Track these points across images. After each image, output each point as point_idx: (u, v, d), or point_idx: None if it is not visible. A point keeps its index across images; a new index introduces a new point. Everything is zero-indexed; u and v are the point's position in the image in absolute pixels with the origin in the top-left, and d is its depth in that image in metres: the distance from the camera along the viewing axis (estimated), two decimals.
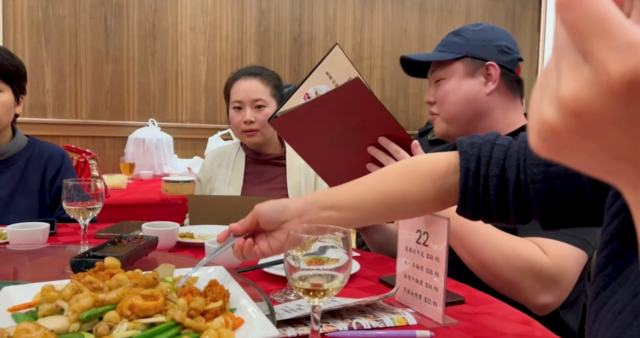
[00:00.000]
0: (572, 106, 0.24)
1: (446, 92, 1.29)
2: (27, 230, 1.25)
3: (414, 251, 0.91)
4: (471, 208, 0.76)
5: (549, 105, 0.25)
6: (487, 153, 0.76)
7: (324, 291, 0.68)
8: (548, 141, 0.26)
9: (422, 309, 0.89)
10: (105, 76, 3.48)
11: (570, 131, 0.25)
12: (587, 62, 0.24)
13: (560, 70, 0.25)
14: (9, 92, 1.59)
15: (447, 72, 1.30)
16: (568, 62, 0.25)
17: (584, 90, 0.24)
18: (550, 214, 0.70)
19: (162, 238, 1.19)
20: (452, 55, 1.29)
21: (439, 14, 4.42)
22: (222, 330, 0.63)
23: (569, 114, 0.24)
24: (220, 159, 1.89)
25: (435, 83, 1.32)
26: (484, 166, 0.75)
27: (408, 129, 3.68)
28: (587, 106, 0.24)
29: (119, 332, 0.62)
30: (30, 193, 1.64)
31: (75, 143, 3.22)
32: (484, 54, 1.28)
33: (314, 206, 0.78)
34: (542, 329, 0.83)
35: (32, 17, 3.30)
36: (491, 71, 1.28)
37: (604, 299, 0.48)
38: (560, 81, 0.25)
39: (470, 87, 1.29)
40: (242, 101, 1.79)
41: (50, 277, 0.82)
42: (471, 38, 1.30)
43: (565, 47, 0.25)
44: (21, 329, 0.59)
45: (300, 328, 0.78)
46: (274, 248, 0.79)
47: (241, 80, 1.81)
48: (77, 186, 1.16)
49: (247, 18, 3.83)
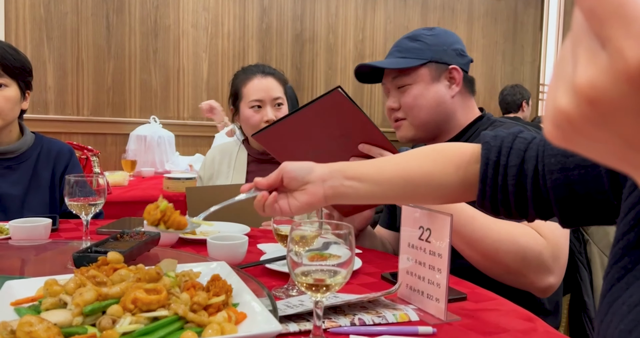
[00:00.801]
0: (588, 93, 0.23)
1: (415, 98, 1.31)
2: (29, 225, 1.25)
3: (416, 248, 0.91)
4: (490, 199, 0.76)
5: (564, 93, 0.25)
6: (508, 144, 0.76)
7: (327, 286, 0.69)
8: (563, 129, 0.26)
9: (424, 305, 0.89)
10: (107, 73, 3.48)
11: (585, 119, 0.24)
12: (605, 49, 0.23)
13: (576, 57, 0.24)
14: (15, 87, 1.59)
15: (412, 78, 1.32)
16: (585, 48, 0.24)
17: (600, 77, 0.23)
18: (568, 208, 0.69)
19: (164, 234, 1.19)
20: (418, 61, 1.31)
21: (441, 11, 4.41)
22: (225, 325, 0.63)
23: (584, 102, 0.24)
24: (222, 157, 1.86)
25: (399, 89, 1.34)
26: (504, 156, 0.75)
27: None
28: (603, 94, 0.23)
29: (122, 326, 0.62)
30: (42, 189, 1.65)
31: (77, 140, 3.22)
32: (447, 59, 1.32)
33: (339, 174, 0.80)
34: (545, 325, 0.83)
35: (34, 14, 3.30)
36: (454, 74, 1.33)
37: (618, 291, 0.47)
38: (576, 68, 0.24)
39: (438, 91, 1.32)
40: (263, 99, 1.76)
41: (53, 272, 0.82)
42: (431, 43, 1.33)
43: (583, 33, 0.24)
44: (24, 322, 0.59)
45: (302, 324, 0.78)
46: (293, 208, 0.81)
47: (258, 78, 1.78)
48: (79, 181, 1.17)
49: (249, 15, 3.82)
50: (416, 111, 1.32)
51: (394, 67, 1.33)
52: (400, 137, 1.38)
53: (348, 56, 4.13)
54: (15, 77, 1.58)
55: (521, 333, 0.80)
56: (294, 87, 3.90)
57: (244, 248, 1.13)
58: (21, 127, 1.68)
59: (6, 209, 1.56)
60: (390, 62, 1.34)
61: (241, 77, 1.82)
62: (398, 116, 1.36)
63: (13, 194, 1.59)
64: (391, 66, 1.33)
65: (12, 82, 1.57)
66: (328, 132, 1.15)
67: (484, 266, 1.06)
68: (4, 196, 1.58)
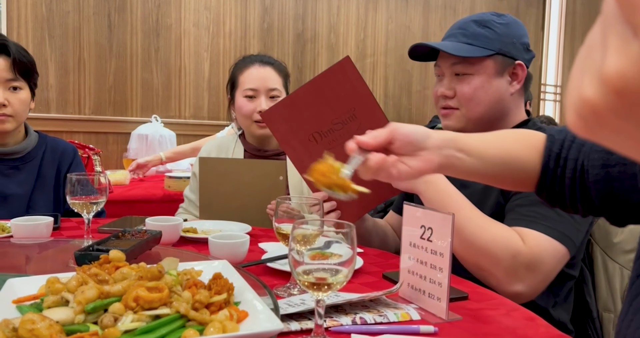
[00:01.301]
0: (616, 83, 0.22)
1: (475, 90, 1.22)
2: (31, 223, 1.25)
3: (417, 247, 0.91)
4: (547, 190, 0.76)
5: (590, 82, 0.24)
6: (571, 137, 0.76)
7: (329, 285, 0.69)
8: (586, 120, 0.25)
9: (425, 305, 0.89)
10: (108, 71, 3.49)
11: (611, 110, 0.23)
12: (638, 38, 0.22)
13: (606, 44, 0.23)
14: (27, 88, 1.60)
15: (475, 68, 1.22)
16: (616, 36, 0.23)
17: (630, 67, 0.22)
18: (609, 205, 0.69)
19: (165, 232, 1.19)
20: (485, 51, 1.21)
21: (442, 11, 4.41)
22: (227, 323, 0.63)
23: (612, 93, 0.23)
24: (218, 152, 1.81)
25: (456, 75, 1.24)
26: (565, 149, 0.75)
27: None
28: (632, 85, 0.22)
29: (124, 324, 0.62)
30: (47, 188, 1.65)
31: (78, 139, 3.23)
32: (514, 52, 1.23)
33: (452, 144, 0.75)
34: (546, 325, 0.83)
35: (36, 13, 3.30)
36: (518, 70, 1.24)
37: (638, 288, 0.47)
38: (606, 56, 0.23)
39: (499, 86, 1.23)
40: (257, 89, 1.70)
41: (54, 270, 0.82)
42: (501, 33, 1.22)
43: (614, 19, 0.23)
44: (26, 320, 0.59)
45: (304, 323, 0.78)
46: (403, 173, 0.73)
47: (255, 67, 1.72)
48: (81, 180, 1.17)
49: (250, 15, 3.82)
50: (473, 104, 1.23)
51: (460, 54, 1.21)
52: (447, 126, 1.29)
53: (349, 56, 4.13)
54: (27, 79, 1.59)
55: (522, 333, 0.80)
56: (296, 87, 3.90)
57: (246, 246, 1.13)
58: (26, 127, 1.68)
59: (13, 209, 1.56)
60: (456, 47, 1.23)
61: (239, 65, 1.77)
62: (450, 104, 1.26)
63: (20, 195, 1.60)
64: (457, 53, 1.21)
65: (25, 84, 1.59)
66: (334, 108, 1.14)
67: (461, 255, 1.07)
68: (12, 196, 1.59)
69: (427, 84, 4.37)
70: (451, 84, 1.26)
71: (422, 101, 4.38)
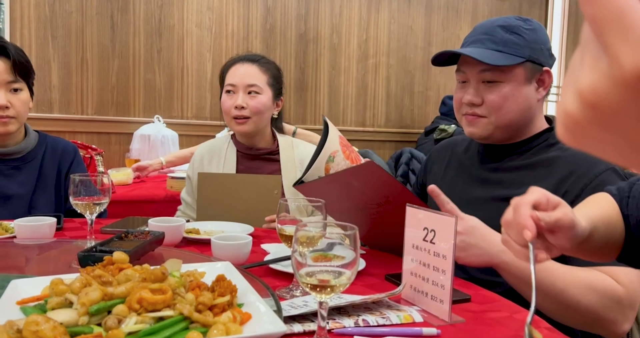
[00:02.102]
0: (589, 98, 0.24)
1: (505, 98, 1.19)
2: (34, 224, 1.26)
3: (420, 249, 0.91)
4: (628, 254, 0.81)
5: (570, 97, 0.26)
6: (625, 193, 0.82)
7: (331, 287, 0.69)
8: (572, 131, 0.27)
9: (428, 307, 0.89)
10: (111, 72, 3.49)
11: (590, 122, 0.25)
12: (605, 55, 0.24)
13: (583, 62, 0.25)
14: (26, 89, 1.61)
15: (506, 75, 1.19)
16: (590, 54, 0.25)
17: (600, 82, 0.24)
18: None
19: (168, 233, 1.20)
20: (516, 59, 1.18)
21: (445, 12, 4.40)
22: (230, 325, 0.63)
23: (588, 106, 0.25)
24: (211, 155, 1.79)
25: (484, 82, 1.21)
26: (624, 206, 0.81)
27: (413, 128, 3.70)
28: (603, 99, 0.24)
29: (128, 326, 0.62)
30: (48, 188, 1.66)
31: (81, 139, 3.23)
32: (543, 59, 1.21)
33: None
34: (549, 328, 0.83)
35: (39, 13, 3.30)
36: (545, 77, 1.22)
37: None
38: (581, 73, 0.25)
39: (528, 94, 1.21)
40: (235, 84, 1.69)
41: (57, 271, 0.82)
42: (530, 39, 1.20)
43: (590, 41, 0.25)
44: (31, 322, 0.59)
45: (306, 325, 0.78)
46: None
47: (238, 65, 1.72)
48: (84, 181, 1.17)
49: (252, 15, 3.83)
50: (503, 112, 1.20)
51: (492, 63, 1.17)
52: (471, 133, 1.26)
53: (352, 56, 4.13)
54: (27, 79, 1.60)
55: None
56: (298, 87, 3.91)
57: (248, 248, 1.13)
58: (25, 127, 1.69)
59: (14, 209, 1.57)
60: (486, 54, 1.19)
61: (227, 64, 1.77)
62: (477, 112, 1.23)
63: (21, 195, 1.60)
64: (489, 61, 1.17)
65: (24, 85, 1.59)
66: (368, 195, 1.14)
67: (563, 317, 1.02)
68: (13, 196, 1.59)
69: (429, 85, 4.37)
70: (479, 92, 1.22)
71: (424, 101, 4.37)
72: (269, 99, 1.73)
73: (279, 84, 1.79)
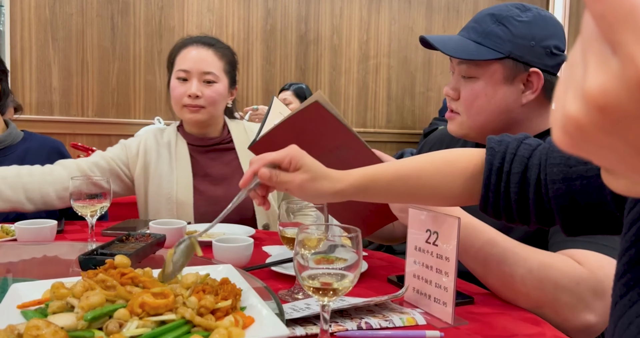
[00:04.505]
0: (598, 100, 0.23)
1: (476, 96, 1.10)
2: (35, 227, 1.25)
3: (423, 251, 0.91)
4: (492, 205, 0.76)
5: (573, 99, 0.24)
6: (512, 150, 0.76)
7: (334, 290, 0.68)
8: (572, 136, 0.25)
9: (431, 309, 0.88)
10: (111, 74, 3.49)
11: (595, 126, 0.24)
12: (616, 55, 0.22)
13: (586, 62, 0.24)
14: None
15: (481, 71, 1.09)
16: (595, 54, 0.23)
17: (611, 84, 0.22)
18: (570, 218, 0.70)
19: (169, 236, 1.19)
20: (492, 53, 1.06)
21: (445, 13, 4.40)
22: (232, 329, 0.63)
23: (595, 109, 0.23)
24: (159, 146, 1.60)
25: (462, 77, 1.12)
26: (507, 162, 0.75)
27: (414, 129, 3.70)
28: (613, 101, 0.23)
29: (129, 330, 0.61)
30: None
31: (81, 141, 3.23)
32: (529, 57, 1.07)
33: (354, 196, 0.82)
34: (553, 330, 0.82)
35: (40, 15, 3.31)
36: (533, 78, 1.08)
37: (622, 309, 0.47)
38: (587, 73, 0.24)
39: (506, 96, 1.09)
40: (189, 71, 1.54)
41: (58, 274, 0.82)
42: (517, 33, 1.06)
43: (593, 37, 0.24)
44: (31, 326, 0.59)
45: (309, 328, 0.78)
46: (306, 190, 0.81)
47: (191, 47, 1.57)
48: (85, 183, 1.17)
49: (253, 17, 3.83)
50: (473, 112, 1.11)
51: (458, 56, 1.08)
52: (450, 131, 1.19)
53: (352, 57, 4.13)
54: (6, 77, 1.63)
55: None
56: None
57: (250, 250, 1.12)
58: (6, 123, 1.68)
59: None
60: (458, 45, 1.09)
61: (178, 44, 1.62)
62: (453, 107, 1.16)
63: None
64: (456, 54, 1.08)
65: None
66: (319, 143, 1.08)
67: (506, 296, 0.93)
68: None
69: (430, 85, 4.36)
70: (457, 85, 1.14)
71: (425, 102, 4.37)
72: (225, 87, 1.60)
73: (234, 70, 1.66)
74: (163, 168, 1.58)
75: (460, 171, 0.80)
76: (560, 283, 0.85)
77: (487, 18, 1.10)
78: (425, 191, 0.81)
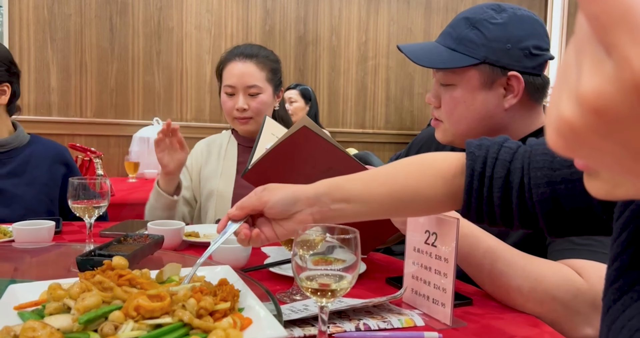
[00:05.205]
0: (593, 103, 0.23)
1: (455, 103, 1.09)
2: (32, 227, 1.25)
3: (422, 252, 0.90)
4: (475, 210, 0.75)
5: (568, 101, 0.24)
6: (493, 154, 0.74)
7: (332, 291, 0.68)
8: (566, 139, 0.25)
9: (430, 310, 0.88)
10: (110, 74, 3.49)
11: (590, 129, 0.24)
12: (610, 57, 0.22)
13: (580, 64, 0.23)
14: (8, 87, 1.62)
15: (458, 78, 1.07)
16: (589, 56, 0.23)
17: (606, 86, 0.22)
18: (554, 220, 0.69)
19: (167, 237, 1.19)
20: (467, 60, 1.04)
21: (444, 13, 4.40)
22: (230, 331, 0.63)
23: (590, 112, 0.23)
24: (211, 148, 1.78)
25: (441, 84, 1.11)
26: (489, 167, 0.74)
27: (413, 130, 3.72)
28: (609, 103, 0.22)
29: (124, 332, 0.61)
30: (37, 186, 1.65)
31: (80, 142, 3.22)
32: (506, 61, 1.04)
33: (326, 198, 0.77)
34: (551, 332, 0.82)
35: (38, 16, 3.30)
36: (513, 82, 1.06)
37: (615, 313, 0.47)
38: (581, 76, 0.23)
39: (486, 101, 1.07)
40: (235, 86, 1.67)
41: (56, 275, 0.82)
42: (491, 37, 1.04)
43: (587, 39, 0.23)
44: (27, 328, 0.58)
45: (307, 329, 0.77)
46: (280, 235, 0.79)
47: (235, 62, 1.68)
48: (83, 184, 1.16)
49: (252, 17, 3.82)
50: (455, 119, 1.10)
51: (431, 65, 1.07)
52: (437, 138, 1.17)
53: (351, 58, 4.13)
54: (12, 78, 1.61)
55: None
56: None
57: (248, 251, 1.12)
58: (14, 125, 1.68)
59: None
60: (429, 56, 1.07)
61: (224, 58, 1.73)
62: (435, 114, 1.15)
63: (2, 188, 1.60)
64: (428, 65, 1.07)
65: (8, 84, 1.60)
66: (312, 166, 1.08)
67: (506, 305, 0.92)
68: None
69: (429, 86, 4.36)
70: (437, 92, 1.13)
71: (424, 103, 4.37)
72: (269, 96, 1.71)
73: (278, 75, 1.75)
74: (212, 164, 1.75)
75: (439, 173, 0.78)
76: (557, 296, 0.85)
77: (462, 22, 1.08)
78: (406, 195, 0.77)
